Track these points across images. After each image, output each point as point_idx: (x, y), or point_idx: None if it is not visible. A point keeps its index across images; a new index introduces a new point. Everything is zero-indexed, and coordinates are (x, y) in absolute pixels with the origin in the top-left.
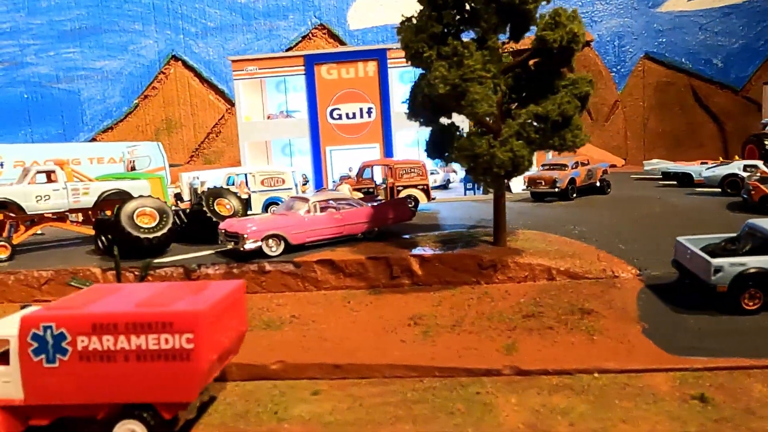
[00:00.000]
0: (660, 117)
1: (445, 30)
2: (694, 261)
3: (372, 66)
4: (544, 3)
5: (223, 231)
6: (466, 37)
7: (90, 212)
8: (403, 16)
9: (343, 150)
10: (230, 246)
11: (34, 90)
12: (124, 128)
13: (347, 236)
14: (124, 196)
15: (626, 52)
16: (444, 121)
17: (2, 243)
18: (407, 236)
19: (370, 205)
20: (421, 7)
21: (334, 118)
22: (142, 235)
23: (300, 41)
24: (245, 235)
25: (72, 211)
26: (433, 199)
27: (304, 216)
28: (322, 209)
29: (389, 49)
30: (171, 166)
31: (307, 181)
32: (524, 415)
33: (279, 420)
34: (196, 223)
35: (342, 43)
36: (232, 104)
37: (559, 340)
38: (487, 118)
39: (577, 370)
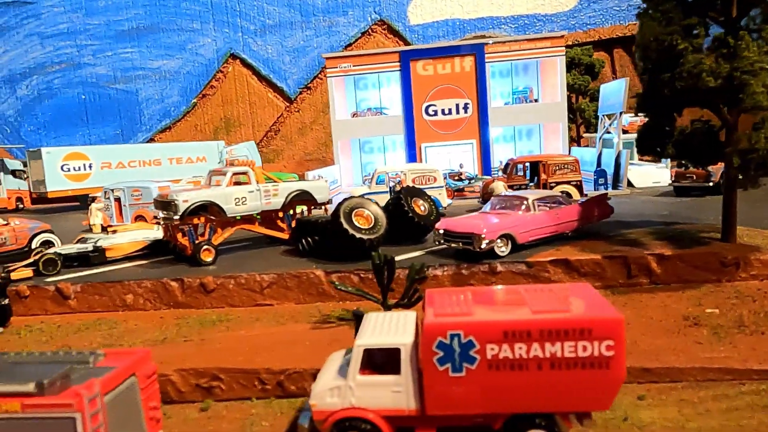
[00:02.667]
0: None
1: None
2: None
3: (469, 61)
4: None
5: (440, 231)
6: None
7: (274, 214)
8: (639, 9)
9: (438, 146)
10: (453, 246)
11: (92, 90)
12: (182, 128)
13: (559, 235)
14: (303, 197)
15: None
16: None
17: (207, 247)
18: (612, 234)
19: (578, 202)
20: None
21: (429, 115)
22: (365, 237)
23: (359, 37)
24: (482, 236)
25: (263, 213)
26: (586, 195)
27: (525, 215)
28: (538, 207)
29: (486, 44)
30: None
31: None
32: None
33: (638, 428)
34: (394, 221)
35: (403, 39)
36: (291, 102)
37: None
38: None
39: None
